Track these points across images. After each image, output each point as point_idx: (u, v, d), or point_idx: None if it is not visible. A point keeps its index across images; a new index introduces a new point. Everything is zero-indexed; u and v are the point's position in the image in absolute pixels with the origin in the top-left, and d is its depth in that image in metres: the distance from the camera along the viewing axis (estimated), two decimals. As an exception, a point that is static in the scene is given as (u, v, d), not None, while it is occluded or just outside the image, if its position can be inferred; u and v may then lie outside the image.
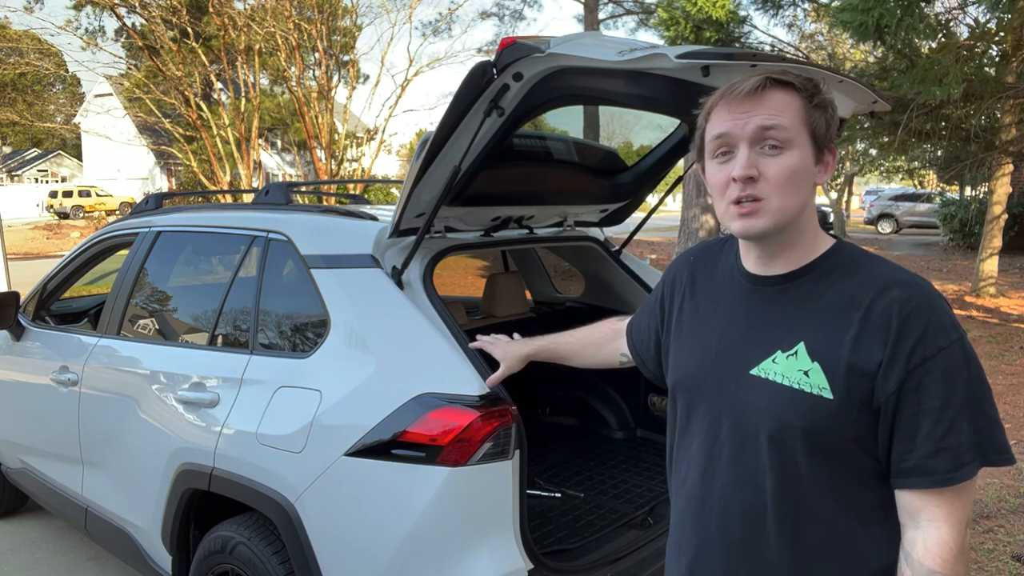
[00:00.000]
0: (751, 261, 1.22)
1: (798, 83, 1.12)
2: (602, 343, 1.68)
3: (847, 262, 1.15)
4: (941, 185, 23.31)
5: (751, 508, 1.16)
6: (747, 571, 1.17)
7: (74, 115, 37.36)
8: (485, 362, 1.97)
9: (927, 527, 1.05)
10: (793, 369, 1.12)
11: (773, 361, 1.14)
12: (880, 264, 1.14)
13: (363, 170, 18.90)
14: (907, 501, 1.08)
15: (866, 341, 1.07)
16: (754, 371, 1.16)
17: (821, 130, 1.13)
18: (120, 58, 20.42)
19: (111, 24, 22.42)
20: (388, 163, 44.48)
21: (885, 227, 24.78)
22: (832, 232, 1.32)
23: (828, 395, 1.08)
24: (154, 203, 3.30)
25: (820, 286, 1.14)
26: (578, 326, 1.81)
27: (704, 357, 1.25)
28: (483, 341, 1.86)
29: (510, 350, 1.78)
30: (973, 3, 7.18)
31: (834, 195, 22.92)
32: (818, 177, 1.15)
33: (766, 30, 33.68)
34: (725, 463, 1.19)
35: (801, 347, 1.12)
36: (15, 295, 3.44)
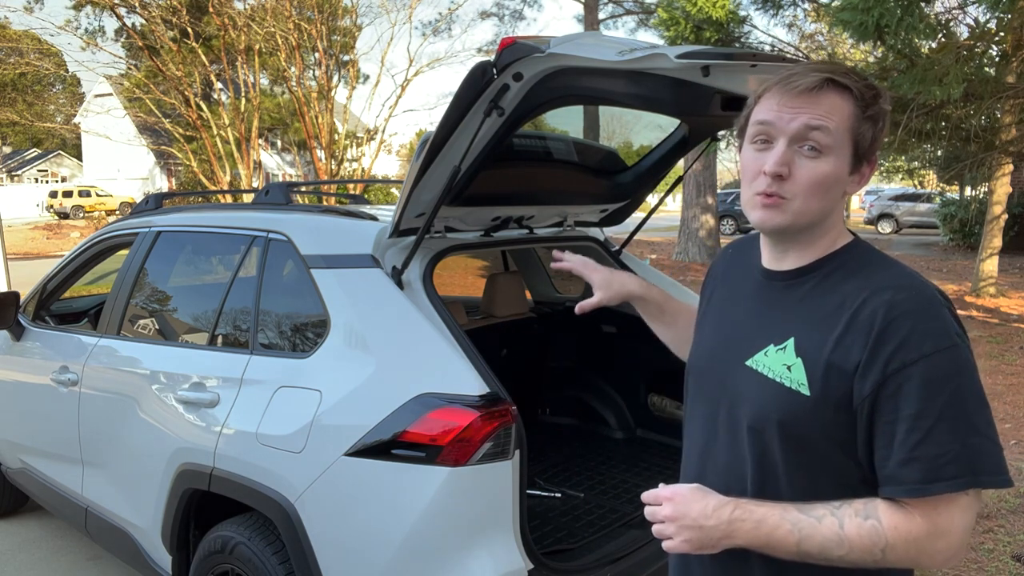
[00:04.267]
0: (767, 255, 1.23)
1: (856, 89, 1.09)
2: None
3: (855, 261, 1.14)
4: (941, 185, 23.31)
5: (736, 495, 1.17)
6: (729, 554, 1.17)
7: (74, 115, 37.37)
8: (485, 362, 1.97)
9: (915, 514, 1.03)
10: (779, 363, 1.13)
11: (765, 354, 1.15)
12: (887, 266, 1.13)
13: (363, 170, 18.89)
14: None
15: (848, 341, 1.06)
16: (748, 362, 1.17)
17: (865, 142, 1.11)
18: (120, 58, 20.42)
19: (111, 24, 22.43)
20: (388, 163, 44.48)
21: (885, 227, 24.77)
22: None
23: (805, 391, 1.08)
24: (154, 203, 3.30)
25: (823, 284, 1.14)
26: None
27: (715, 345, 1.27)
28: (582, 260, 1.57)
29: (614, 280, 1.52)
30: (973, 3, 7.17)
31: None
32: (850, 187, 1.14)
33: (766, 30, 33.68)
34: (719, 449, 1.22)
35: (790, 342, 1.12)
36: (15, 295, 3.44)
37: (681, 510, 1.12)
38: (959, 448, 1.00)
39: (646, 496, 1.17)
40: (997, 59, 7.02)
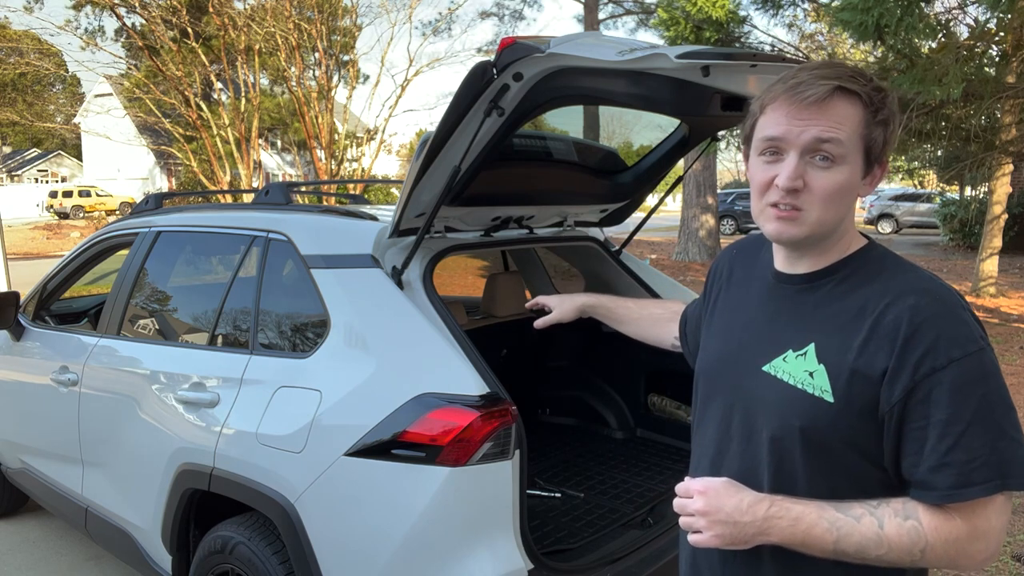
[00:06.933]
0: (780, 259, 1.22)
1: (865, 95, 1.08)
2: (661, 320, 1.64)
3: (872, 266, 1.13)
4: (941, 185, 23.29)
5: None
6: (743, 560, 1.17)
7: (74, 115, 37.36)
8: (485, 362, 1.97)
9: (955, 516, 1.03)
10: (800, 369, 1.11)
11: (784, 360, 1.14)
12: (906, 270, 1.11)
13: (363, 170, 18.89)
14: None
15: (872, 347, 1.05)
16: (765, 368, 1.16)
17: (877, 147, 1.10)
18: (120, 58, 20.43)
19: (111, 24, 22.43)
20: (388, 163, 44.48)
21: (885, 227, 24.75)
22: None
23: (829, 398, 1.07)
24: (154, 203, 3.31)
25: (840, 289, 1.13)
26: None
27: (725, 349, 1.26)
28: (540, 297, 1.83)
29: (565, 299, 1.75)
30: (973, 3, 7.17)
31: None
32: (862, 190, 1.13)
33: (766, 30, 33.67)
34: (732, 455, 1.20)
35: (811, 348, 1.11)
36: (15, 295, 3.44)
37: (714, 505, 1.10)
38: (989, 452, 1.00)
39: (678, 487, 1.16)
40: (997, 59, 7.01)
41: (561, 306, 1.74)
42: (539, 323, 1.75)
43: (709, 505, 1.10)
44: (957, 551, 1.03)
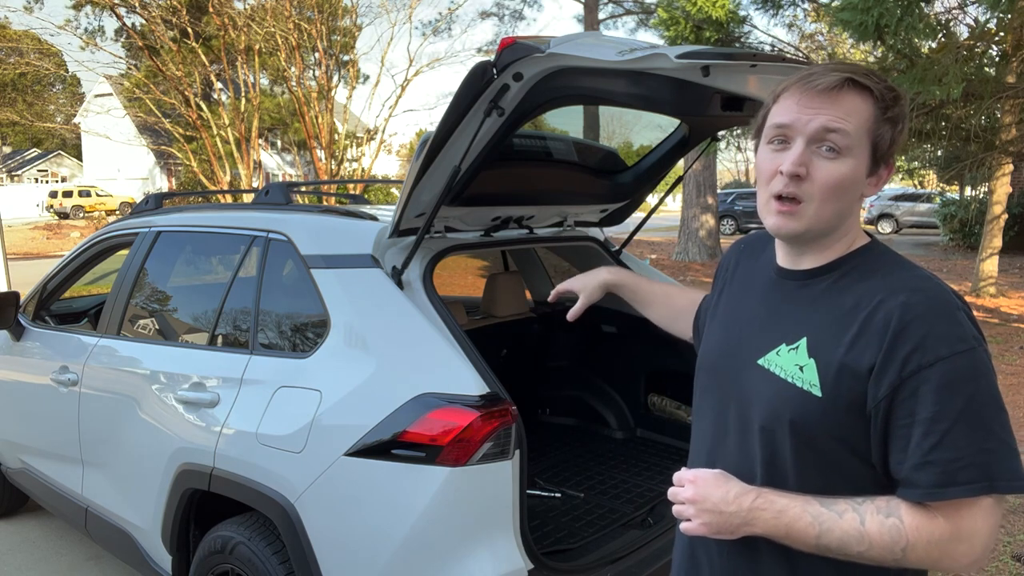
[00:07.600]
0: (782, 255, 1.23)
1: (877, 90, 1.08)
2: (683, 311, 1.61)
3: (871, 263, 1.14)
4: (941, 185, 23.28)
5: None
6: (739, 551, 1.18)
7: (74, 115, 37.36)
8: (485, 362, 1.97)
9: (938, 516, 1.02)
10: (791, 363, 1.12)
11: (777, 353, 1.15)
12: (903, 268, 1.12)
13: (363, 170, 18.90)
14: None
15: (862, 343, 1.05)
16: (760, 361, 1.17)
17: (884, 144, 1.10)
18: (120, 58, 20.44)
19: (111, 24, 22.43)
20: (388, 163, 44.47)
21: (885, 227, 24.73)
22: None
23: (817, 392, 1.08)
24: (154, 203, 3.31)
25: (838, 285, 1.13)
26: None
27: (726, 343, 1.27)
28: (562, 284, 1.74)
29: (588, 278, 1.68)
30: (973, 3, 7.17)
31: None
32: (867, 189, 1.13)
33: (766, 30, 33.68)
34: (728, 448, 1.21)
35: (803, 342, 1.12)
36: (15, 295, 3.44)
37: (702, 493, 1.12)
38: (975, 453, 0.99)
39: (674, 476, 1.18)
40: (997, 59, 7.01)
41: (586, 289, 1.66)
42: (571, 314, 1.66)
43: (697, 494, 1.13)
44: (940, 552, 1.02)
